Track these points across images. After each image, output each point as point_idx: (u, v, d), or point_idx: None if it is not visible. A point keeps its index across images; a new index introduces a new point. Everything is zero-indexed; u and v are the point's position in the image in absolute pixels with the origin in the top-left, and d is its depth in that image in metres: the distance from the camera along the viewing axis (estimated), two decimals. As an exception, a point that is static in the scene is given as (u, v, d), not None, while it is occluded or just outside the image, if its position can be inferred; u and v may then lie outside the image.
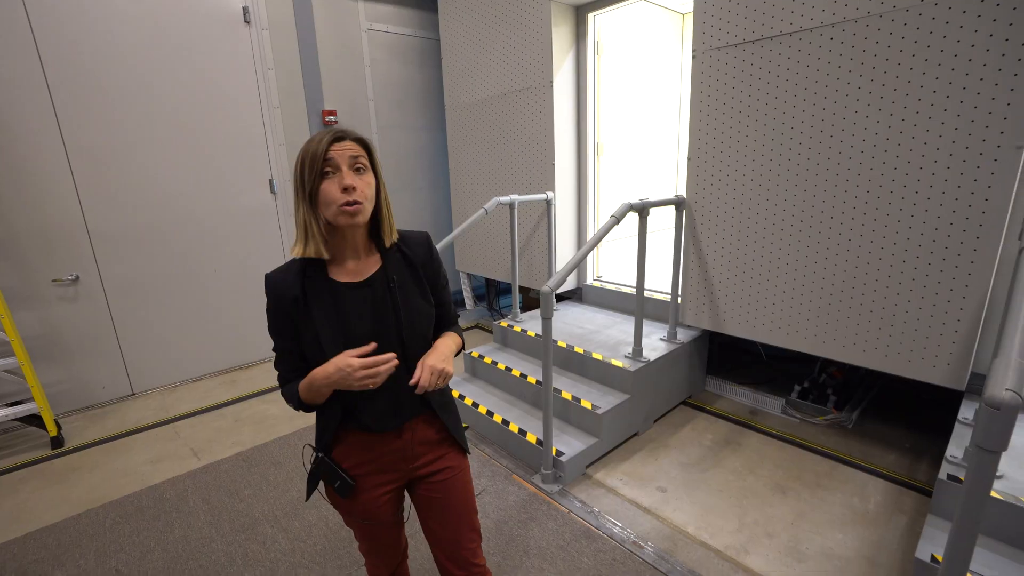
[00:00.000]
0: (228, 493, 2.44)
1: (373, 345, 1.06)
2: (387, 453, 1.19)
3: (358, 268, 1.14)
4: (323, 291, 1.10)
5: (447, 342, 1.22)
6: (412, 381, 1.08)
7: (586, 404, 2.57)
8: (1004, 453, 1.82)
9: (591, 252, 3.73)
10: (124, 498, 2.42)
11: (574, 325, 3.36)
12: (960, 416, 2.07)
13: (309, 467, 1.20)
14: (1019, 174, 1.82)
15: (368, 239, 1.16)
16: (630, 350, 2.79)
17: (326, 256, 1.08)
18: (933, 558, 1.54)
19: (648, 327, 3.14)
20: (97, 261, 3.27)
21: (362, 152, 1.06)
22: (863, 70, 2.10)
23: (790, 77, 2.31)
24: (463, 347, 1.32)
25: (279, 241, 4.00)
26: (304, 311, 1.09)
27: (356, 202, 1.03)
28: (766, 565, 1.91)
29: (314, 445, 1.21)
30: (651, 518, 2.18)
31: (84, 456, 2.83)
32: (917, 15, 1.92)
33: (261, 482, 2.52)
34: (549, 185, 3.56)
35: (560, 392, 2.72)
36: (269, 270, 1.14)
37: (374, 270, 1.15)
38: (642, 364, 2.69)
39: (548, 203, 3.56)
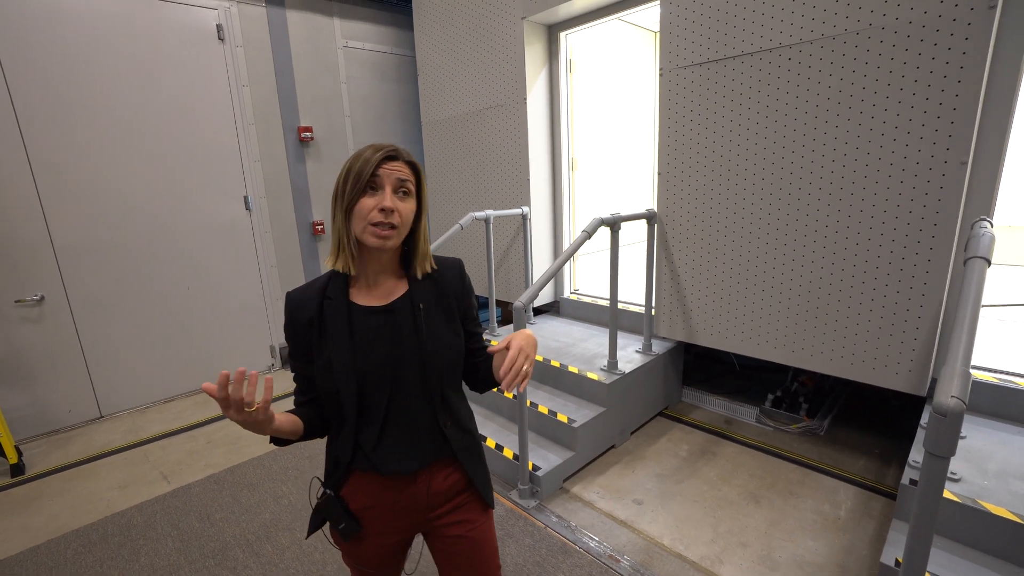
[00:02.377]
0: (199, 517, 2.38)
1: (241, 370, 0.84)
2: (400, 500, 1.08)
3: (383, 292, 1.07)
4: (341, 314, 1.03)
5: (526, 331, 1.03)
6: (504, 382, 0.92)
7: (562, 418, 2.58)
8: (964, 457, 1.89)
9: (564, 266, 3.78)
10: (88, 526, 2.34)
11: (551, 338, 3.38)
12: (922, 421, 2.13)
13: (315, 502, 1.11)
14: (965, 189, 1.90)
15: (399, 264, 1.09)
16: (605, 363, 2.81)
17: (353, 272, 1.02)
18: (896, 562, 1.57)
19: (624, 339, 3.18)
20: (63, 280, 3.19)
21: (411, 176, 1.00)
22: (820, 89, 2.18)
23: (752, 95, 2.39)
24: None
25: (254, 258, 3.95)
26: (319, 334, 1.03)
27: (391, 226, 0.97)
28: (740, 574, 1.93)
29: (323, 479, 1.12)
30: (627, 531, 2.18)
31: (46, 483, 2.73)
32: (867, 38, 2.02)
33: (233, 505, 2.46)
34: (524, 200, 3.60)
35: (536, 406, 2.72)
36: (243, 287, 1.12)
37: (399, 295, 1.07)
38: (617, 376, 2.71)
39: (524, 218, 3.60)
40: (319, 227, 4.26)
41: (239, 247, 3.88)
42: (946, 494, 1.68)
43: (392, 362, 1.03)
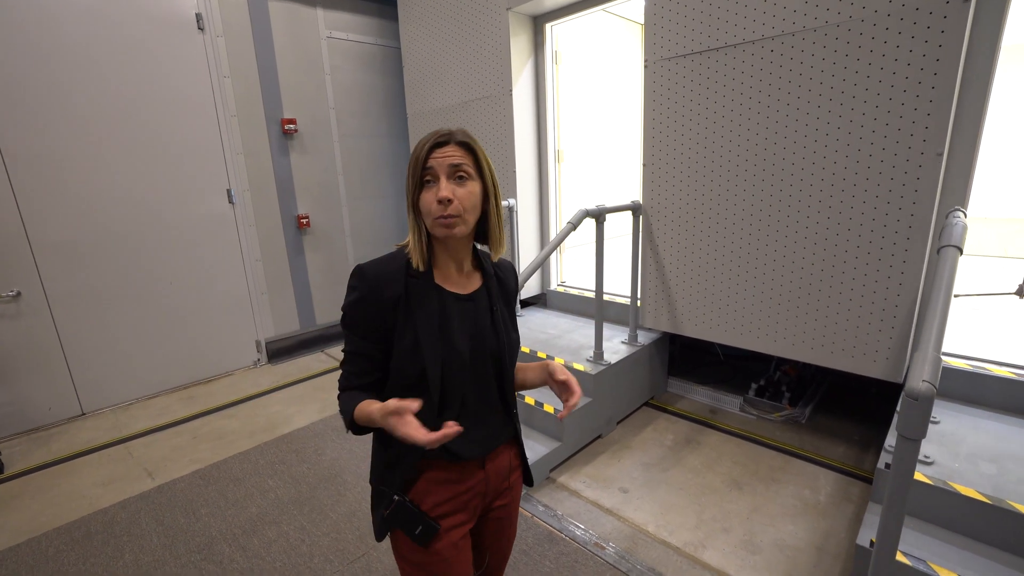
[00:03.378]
0: (184, 513, 2.36)
1: (417, 404, 0.88)
2: (472, 487, 1.08)
3: (462, 280, 1.06)
4: (430, 295, 1.01)
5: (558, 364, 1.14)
6: (569, 404, 1.02)
7: (549, 408, 2.60)
8: (937, 441, 1.94)
9: (551, 258, 3.79)
10: (70, 524, 2.32)
11: (538, 330, 3.40)
12: (898, 408, 2.18)
13: (384, 512, 1.04)
14: (941, 180, 1.94)
15: (472, 256, 1.09)
16: (592, 354, 2.83)
17: (422, 268, 1.00)
18: (871, 543, 1.62)
19: (610, 330, 3.20)
20: (41, 275, 3.12)
21: (465, 158, 0.96)
22: (801, 80, 2.21)
23: (735, 87, 2.41)
24: None
25: (238, 252, 3.90)
26: (406, 313, 0.99)
27: (452, 216, 0.94)
28: (722, 559, 1.97)
29: (381, 484, 1.07)
30: (613, 519, 2.21)
31: (26, 482, 2.69)
32: (846, 30, 2.04)
33: (219, 499, 2.45)
34: (511, 192, 3.60)
35: (523, 397, 2.74)
36: (227, 282, 1.08)
37: (477, 287, 1.08)
38: (603, 367, 2.74)
39: (510, 210, 3.60)
40: (304, 220, 4.22)
41: (223, 241, 3.83)
42: (919, 476, 1.73)
43: (473, 350, 1.04)
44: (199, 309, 3.76)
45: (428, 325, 0.99)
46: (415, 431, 0.86)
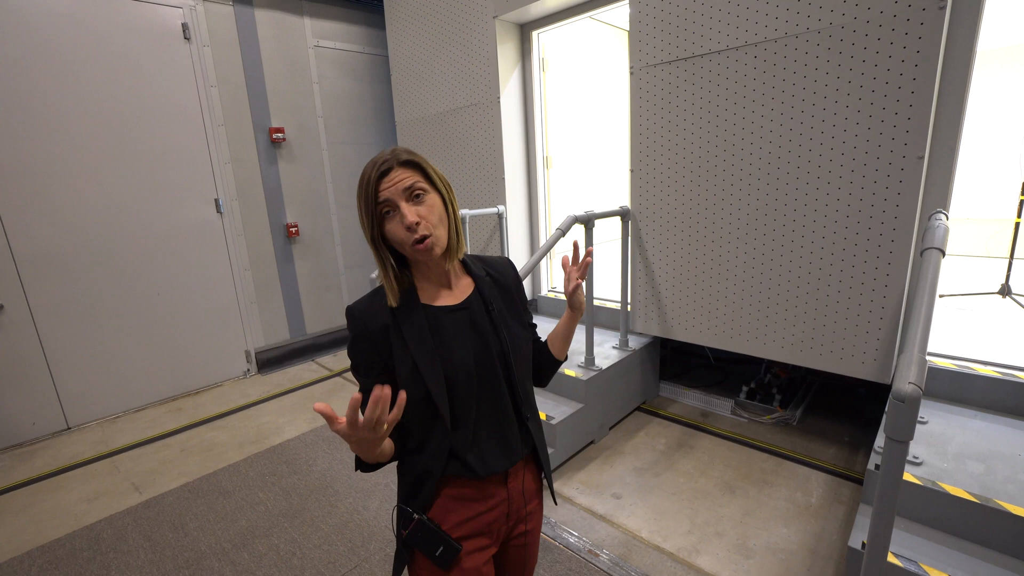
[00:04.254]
0: (172, 527, 2.32)
1: (401, 394, 0.85)
2: (494, 507, 1.05)
3: (450, 294, 1.04)
4: (416, 316, 0.99)
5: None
6: (577, 273, 1.15)
7: (540, 415, 2.59)
8: (925, 441, 1.96)
9: (541, 264, 3.79)
10: (54, 542, 2.27)
11: (530, 336, 3.39)
12: (886, 409, 2.20)
13: (403, 533, 1.01)
14: (923, 182, 1.97)
15: (460, 263, 1.08)
16: (583, 359, 2.83)
17: (394, 304, 0.98)
18: (863, 544, 1.62)
19: (601, 335, 3.21)
20: (24, 288, 3.08)
21: (415, 176, 0.94)
22: (784, 86, 2.24)
23: (720, 92, 2.44)
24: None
25: (226, 262, 3.87)
26: (398, 340, 0.97)
27: (425, 236, 0.92)
28: (716, 564, 1.97)
29: (403, 504, 1.03)
30: (606, 525, 2.21)
31: (9, 499, 2.63)
32: (828, 36, 2.07)
33: (208, 513, 2.41)
34: (500, 199, 3.61)
35: (516, 404, 2.73)
36: (216, 292, 1.06)
37: (468, 293, 1.05)
38: (594, 373, 2.74)
39: (500, 216, 3.60)
40: (293, 229, 4.19)
41: (211, 250, 3.80)
42: (908, 477, 1.74)
43: (477, 359, 1.00)
44: (187, 319, 3.72)
45: (422, 346, 0.97)
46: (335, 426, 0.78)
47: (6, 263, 3.01)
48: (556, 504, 1.23)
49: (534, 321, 1.21)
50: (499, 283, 1.11)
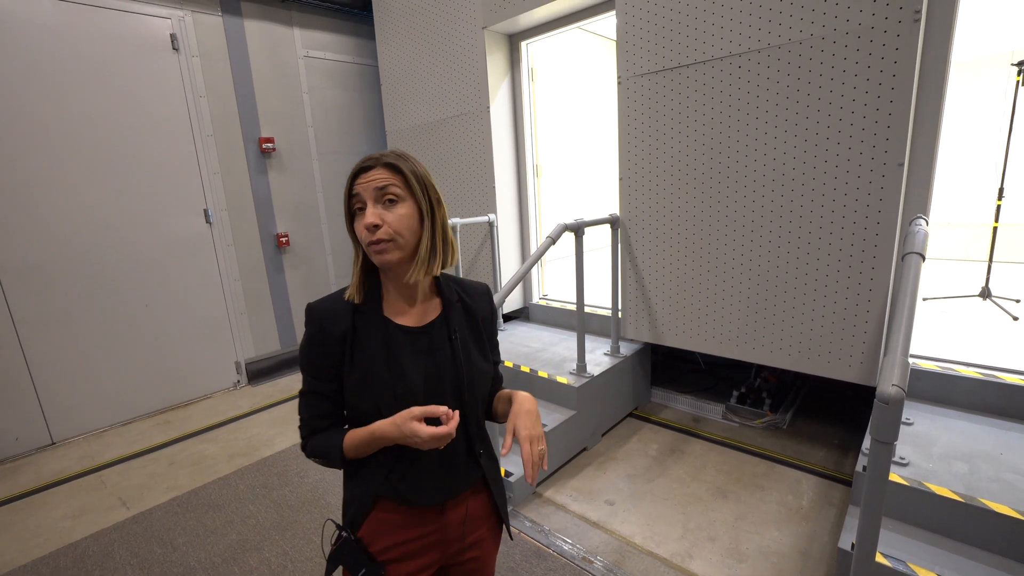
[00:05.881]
0: (160, 543, 2.29)
1: (444, 409, 0.90)
2: (426, 534, 1.01)
3: (416, 312, 1.01)
4: (376, 330, 0.96)
5: (525, 397, 1.02)
6: (528, 476, 0.91)
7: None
8: (911, 442, 1.99)
9: (532, 272, 3.81)
10: (37, 560, 2.22)
11: (521, 344, 3.40)
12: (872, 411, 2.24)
13: (330, 547, 1.01)
14: (903, 188, 2.02)
15: (430, 285, 1.03)
16: (575, 366, 2.85)
17: (356, 301, 0.96)
18: (852, 546, 1.64)
19: (592, 342, 3.22)
20: (7, 300, 3.03)
21: (392, 179, 0.91)
22: (768, 95, 2.29)
23: (706, 101, 2.49)
24: None
25: (216, 272, 3.84)
26: (352, 350, 0.95)
27: (382, 240, 0.90)
28: (709, 568, 1.98)
29: (337, 521, 1.04)
30: (600, 532, 2.21)
31: (-7, 516, 2.58)
32: (808, 47, 2.13)
33: (198, 528, 2.37)
34: (491, 207, 3.63)
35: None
36: (205, 303, 1.05)
37: (433, 317, 1.01)
38: (586, 380, 2.75)
39: (491, 225, 3.62)
40: (283, 239, 4.18)
41: (200, 261, 3.77)
42: (894, 478, 1.77)
43: (427, 385, 0.97)
44: (176, 331, 3.68)
45: (375, 362, 0.95)
46: (422, 429, 0.87)
47: (-10, 276, 2.97)
48: (512, 540, 1.16)
49: (498, 355, 1.16)
50: (470, 311, 1.06)
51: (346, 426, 1.01)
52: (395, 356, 0.96)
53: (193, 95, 3.62)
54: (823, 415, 3.05)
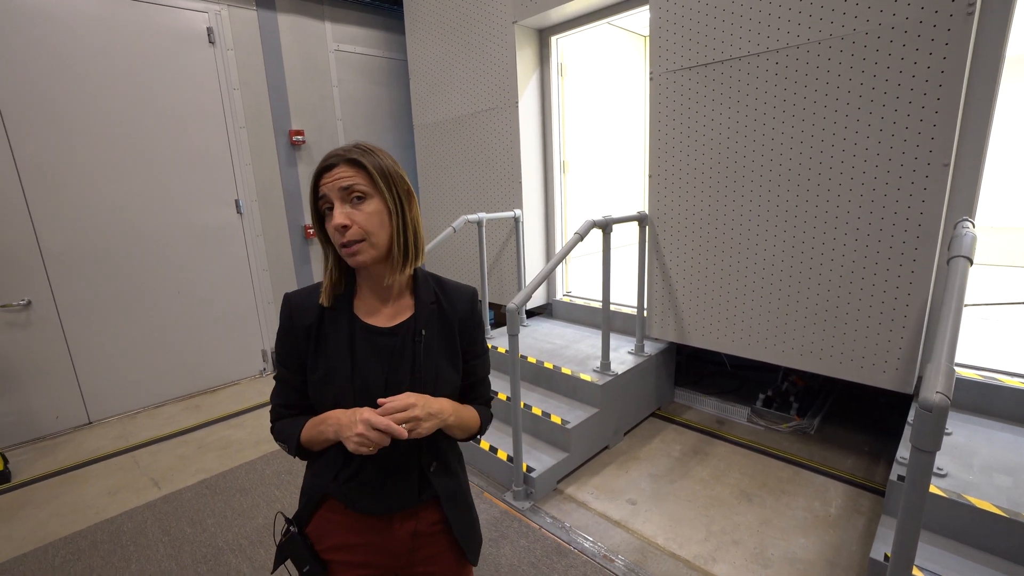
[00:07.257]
0: (190, 523, 2.36)
1: (387, 422, 0.85)
2: (371, 542, 0.99)
3: (387, 311, 0.98)
4: (342, 326, 0.95)
5: (460, 406, 1.00)
6: (381, 400, 0.88)
7: (556, 419, 2.59)
8: (950, 453, 1.92)
9: (557, 268, 3.79)
10: (76, 533, 2.31)
11: (544, 340, 3.39)
12: (909, 418, 2.17)
13: (279, 539, 1.01)
14: (948, 190, 1.94)
15: (407, 284, 1.00)
16: (598, 364, 2.83)
17: (326, 304, 0.95)
18: (885, 556, 1.60)
19: (616, 340, 3.20)
20: (51, 285, 3.15)
21: (356, 176, 0.87)
22: (807, 92, 2.22)
23: (741, 98, 2.43)
24: (480, 432, 1.08)
25: (245, 262, 3.93)
26: (317, 344, 0.95)
27: (352, 241, 0.88)
28: (733, 572, 1.94)
29: (288, 515, 1.03)
30: (621, 531, 2.19)
31: (32, 491, 2.69)
32: (851, 43, 2.06)
33: (225, 510, 2.44)
34: (517, 203, 3.62)
35: (530, 408, 2.73)
36: (234, 292, 1.06)
37: (405, 318, 0.98)
38: (610, 378, 2.73)
39: (516, 220, 3.62)
40: (311, 231, 4.23)
41: (230, 251, 3.86)
42: (933, 489, 1.71)
43: (386, 390, 0.94)
44: (206, 318, 3.78)
45: (337, 358, 0.93)
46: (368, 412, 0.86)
47: (34, 260, 3.09)
48: (474, 564, 1.09)
49: (480, 362, 1.08)
50: (445, 315, 1.01)
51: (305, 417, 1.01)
52: (357, 356, 0.94)
53: (227, 87, 3.70)
54: (852, 421, 2.97)
